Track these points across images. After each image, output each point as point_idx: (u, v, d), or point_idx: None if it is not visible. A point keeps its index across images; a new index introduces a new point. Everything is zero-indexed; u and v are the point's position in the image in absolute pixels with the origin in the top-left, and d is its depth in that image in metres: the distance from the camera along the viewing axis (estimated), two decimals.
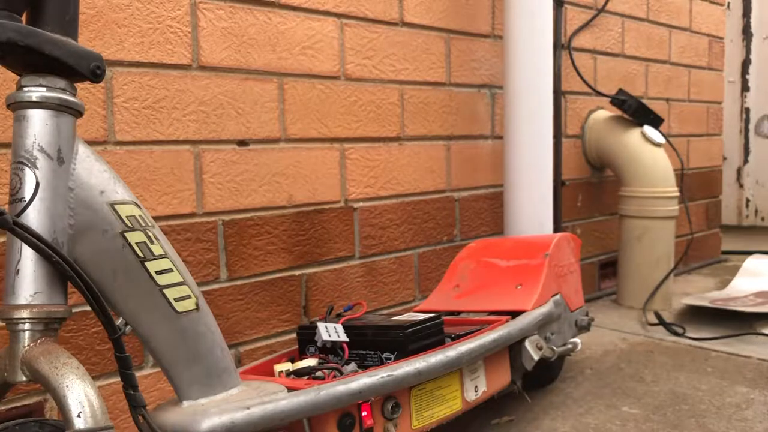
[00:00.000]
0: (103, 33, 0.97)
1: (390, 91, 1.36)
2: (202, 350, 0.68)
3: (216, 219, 1.10)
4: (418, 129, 1.42)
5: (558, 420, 1.07)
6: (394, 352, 0.82)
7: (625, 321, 1.67)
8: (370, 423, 0.75)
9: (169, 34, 1.04)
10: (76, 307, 0.93)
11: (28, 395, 0.91)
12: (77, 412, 0.50)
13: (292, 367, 0.83)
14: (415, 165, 1.40)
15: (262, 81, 1.15)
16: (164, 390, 1.03)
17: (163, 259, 0.65)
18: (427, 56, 1.43)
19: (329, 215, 1.27)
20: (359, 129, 1.31)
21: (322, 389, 0.71)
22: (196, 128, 1.07)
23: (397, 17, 1.37)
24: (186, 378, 0.67)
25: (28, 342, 0.55)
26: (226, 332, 1.11)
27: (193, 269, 1.06)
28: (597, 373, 1.29)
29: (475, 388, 0.90)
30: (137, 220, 0.64)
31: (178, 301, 0.66)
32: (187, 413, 0.66)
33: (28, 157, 0.57)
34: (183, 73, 1.05)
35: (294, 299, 1.22)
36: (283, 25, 1.18)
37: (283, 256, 1.19)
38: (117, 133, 0.99)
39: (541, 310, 1.05)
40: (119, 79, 0.99)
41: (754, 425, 1.03)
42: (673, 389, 1.19)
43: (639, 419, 1.06)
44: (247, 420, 0.66)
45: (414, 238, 1.42)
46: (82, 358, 0.94)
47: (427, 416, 0.83)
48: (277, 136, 1.18)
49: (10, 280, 0.56)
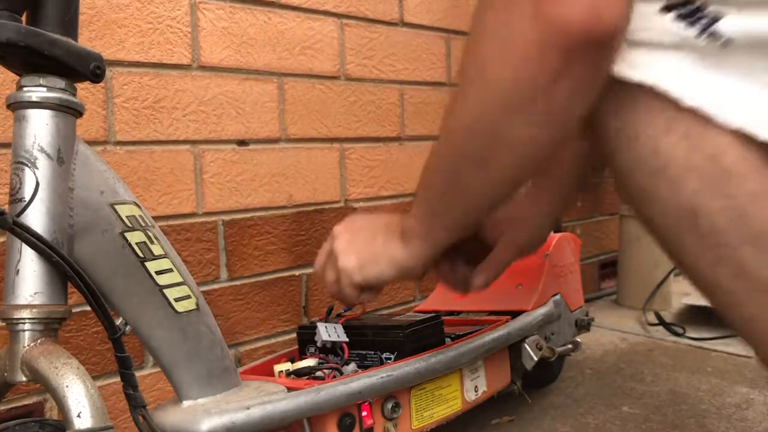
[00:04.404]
0: (103, 33, 0.97)
1: (390, 91, 1.36)
2: (202, 350, 0.68)
3: (216, 219, 1.10)
4: (418, 129, 1.41)
5: (558, 420, 1.07)
6: (394, 352, 0.82)
7: (625, 321, 1.67)
8: (370, 423, 0.75)
9: (169, 34, 1.04)
10: (76, 307, 0.93)
11: (28, 395, 0.91)
12: (77, 412, 0.50)
13: (292, 367, 0.83)
14: (415, 165, 1.40)
15: (262, 81, 1.15)
16: (164, 390, 1.03)
17: (163, 259, 0.65)
18: (427, 56, 1.43)
19: (329, 215, 1.27)
20: (359, 129, 1.31)
21: (322, 389, 0.71)
22: (196, 128, 1.07)
23: (397, 17, 1.37)
24: (186, 378, 0.67)
25: (28, 342, 0.55)
26: (226, 332, 1.11)
27: (193, 269, 1.06)
28: (597, 373, 1.29)
29: (475, 388, 0.90)
30: (137, 220, 0.64)
31: (178, 301, 0.66)
32: (187, 413, 0.66)
33: (28, 157, 0.57)
34: (183, 73, 1.05)
35: (294, 299, 1.22)
36: (283, 25, 1.18)
37: (283, 256, 1.19)
38: (117, 133, 0.99)
39: (541, 310, 1.05)
40: (119, 79, 0.99)
41: (754, 425, 1.03)
42: (673, 389, 1.19)
43: (639, 419, 1.06)
44: (247, 420, 0.66)
45: None
46: (82, 358, 0.94)
47: (427, 416, 0.83)
48: (277, 136, 1.18)
49: (10, 280, 0.56)
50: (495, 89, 0.53)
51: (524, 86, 0.51)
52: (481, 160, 0.60)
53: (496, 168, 0.61)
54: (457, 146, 0.62)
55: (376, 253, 0.77)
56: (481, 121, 0.56)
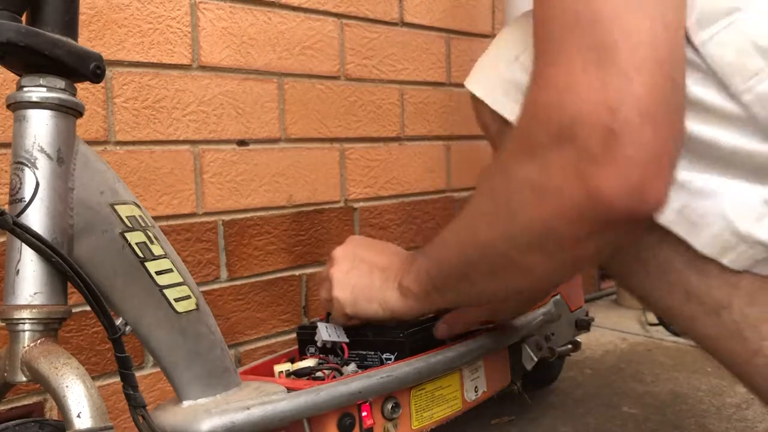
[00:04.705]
0: (103, 33, 0.97)
1: (390, 91, 1.36)
2: (202, 350, 0.68)
3: (216, 219, 1.10)
4: (418, 129, 1.42)
5: (558, 420, 1.07)
6: (395, 353, 0.82)
7: (625, 321, 1.67)
8: (370, 423, 0.75)
9: (169, 34, 1.04)
10: (76, 307, 0.93)
11: (28, 395, 0.91)
12: (77, 412, 0.50)
13: (292, 368, 0.83)
14: (415, 165, 1.40)
15: (262, 81, 1.15)
16: (164, 390, 1.03)
17: (163, 260, 0.65)
18: (427, 56, 1.43)
19: (329, 215, 1.27)
20: (359, 129, 1.31)
21: (321, 390, 0.71)
22: (196, 128, 1.07)
23: (397, 17, 1.37)
24: (186, 378, 0.67)
25: (28, 342, 0.55)
26: (226, 332, 1.11)
27: (193, 269, 1.06)
28: (597, 373, 1.29)
29: (475, 388, 0.90)
30: (137, 221, 0.64)
31: (178, 302, 0.66)
32: (187, 413, 0.66)
33: (28, 157, 0.57)
34: (183, 73, 1.05)
35: (294, 299, 1.22)
36: (283, 25, 1.18)
37: (283, 256, 1.19)
38: (117, 133, 0.99)
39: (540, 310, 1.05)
40: (119, 79, 0.99)
41: (754, 425, 1.03)
42: (673, 389, 1.19)
43: (639, 419, 1.06)
44: (247, 420, 0.65)
45: (414, 238, 1.42)
46: (82, 358, 0.94)
47: (427, 416, 0.83)
48: (277, 136, 1.18)
49: (10, 280, 0.56)
50: (522, 228, 0.52)
51: (554, 236, 0.50)
52: (493, 274, 0.59)
53: (509, 282, 0.60)
54: (470, 259, 0.61)
55: (371, 293, 0.78)
56: (500, 248, 0.55)
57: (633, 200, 0.45)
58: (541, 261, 0.53)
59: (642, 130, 0.44)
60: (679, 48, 0.47)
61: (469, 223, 0.60)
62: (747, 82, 0.48)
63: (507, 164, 0.52)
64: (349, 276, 0.80)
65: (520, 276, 0.57)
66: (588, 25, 0.46)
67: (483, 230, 0.57)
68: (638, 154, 0.44)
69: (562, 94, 0.46)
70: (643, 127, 0.44)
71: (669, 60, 0.46)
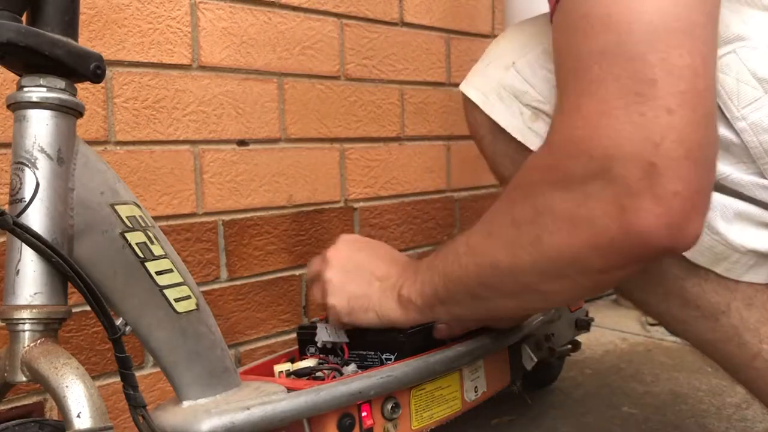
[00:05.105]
0: (103, 33, 0.97)
1: (390, 91, 1.36)
2: (202, 350, 0.68)
3: (216, 219, 1.10)
4: (418, 129, 1.42)
5: (558, 420, 1.07)
6: (395, 353, 0.82)
7: (625, 321, 1.67)
8: (370, 423, 0.75)
9: (169, 34, 1.04)
10: (76, 307, 0.93)
11: (28, 395, 0.91)
12: (77, 412, 0.50)
13: (292, 368, 0.83)
14: (415, 165, 1.40)
15: (262, 81, 1.15)
16: (164, 390, 1.03)
17: (163, 260, 0.65)
18: (427, 56, 1.43)
19: (329, 215, 1.27)
20: (359, 129, 1.31)
21: (321, 390, 0.71)
22: (196, 128, 1.07)
23: (397, 17, 1.37)
24: (186, 378, 0.67)
25: (28, 342, 0.55)
26: (226, 332, 1.11)
27: (193, 269, 1.06)
28: (597, 373, 1.29)
29: (475, 388, 0.90)
30: (137, 221, 0.64)
31: (179, 302, 0.66)
32: (187, 413, 0.66)
33: (28, 157, 0.57)
34: (183, 73, 1.05)
35: (294, 299, 1.22)
36: (283, 25, 1.18)
37: (283, 256, 1.19)
38: (117, 133, 0.99)
39: None
40: (119, 79, 0.99)
41: (754, 425, 1.03)
42: (673, 389, 1.19)
43: (639, 419, 1.06)
44: (247, 420, 0.65)
45: (414, 238, 1.42)
46: (82, 358, 0.94)
47: (427, 417, 0.83)
48: (277, 136, 1.18)
49: (10, 280, 0.56)
50: (549, 258, 0.51)
51: (582, 266, 0.50)
52: (511, 296, 0.59)
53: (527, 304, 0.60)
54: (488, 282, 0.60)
55: (368, 303, 0.77)
56: (523, 275, 0.54)
57: (672, 235, 0.45)
58: (563, 287, 0.53)
59: (684, 164, 0.43)
60: (714, 81, 0.46)
61: (487, 249, 0.58)
62: (742, 110, 0.48)
63: (534, 193, 0.51)
64: (345, 283, 0.78)
65: (539, 299, 0.57)
66: (626, 57, 0.44)
67: (504, 256, 0.55)
68: (680, 189, 0.43)
69: (599, 125, 0.45)
70: (686, 161, 0.43)
71: (708, 94, 0.45)
